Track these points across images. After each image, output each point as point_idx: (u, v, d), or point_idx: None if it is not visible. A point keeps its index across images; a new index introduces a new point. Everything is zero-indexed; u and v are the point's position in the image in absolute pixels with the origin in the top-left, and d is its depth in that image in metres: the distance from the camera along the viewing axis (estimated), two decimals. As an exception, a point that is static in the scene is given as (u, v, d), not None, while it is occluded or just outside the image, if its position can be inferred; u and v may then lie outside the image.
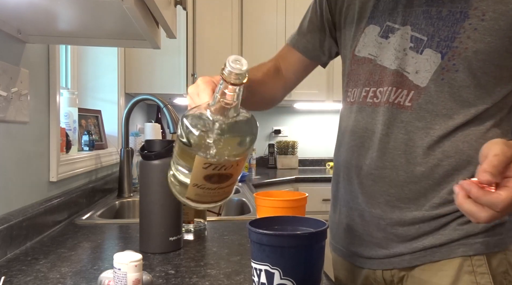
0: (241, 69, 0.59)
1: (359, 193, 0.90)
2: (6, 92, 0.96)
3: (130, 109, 1.74)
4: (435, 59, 0.81)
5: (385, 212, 0.86)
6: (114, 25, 0.98)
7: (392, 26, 0.87)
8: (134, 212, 1.71)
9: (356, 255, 0.93)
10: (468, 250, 0.81)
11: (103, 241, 1.11)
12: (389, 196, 0.86)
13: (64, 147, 1.45)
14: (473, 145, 0.81)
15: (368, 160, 0.88)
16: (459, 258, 0.81)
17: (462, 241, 0.81)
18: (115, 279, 0.68)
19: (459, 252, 0.81)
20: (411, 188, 0.84)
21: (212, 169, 0.65)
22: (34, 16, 0.92)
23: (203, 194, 0.70)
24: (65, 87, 1.95)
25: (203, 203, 0.73)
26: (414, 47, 0.84)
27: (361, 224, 0.91)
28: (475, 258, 0.80)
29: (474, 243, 0.81)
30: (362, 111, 0.91)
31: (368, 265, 0.91)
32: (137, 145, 2.06)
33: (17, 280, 0.81)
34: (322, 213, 2.73)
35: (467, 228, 0.81)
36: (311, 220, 0.69)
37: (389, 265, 0.88)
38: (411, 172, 0.84)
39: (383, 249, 0.88)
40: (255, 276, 0.63)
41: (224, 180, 0.68)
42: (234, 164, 0.65)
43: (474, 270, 0.80)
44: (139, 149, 1.03)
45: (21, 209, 1.07)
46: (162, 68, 2.34)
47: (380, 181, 0.86)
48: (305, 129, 3.57)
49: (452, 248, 0.81)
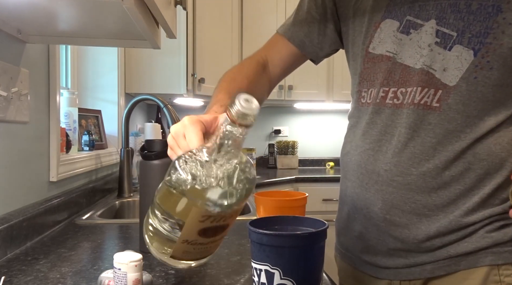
0: (252, 109, 0.53)
1: (379, 201, 0.83)
2: (6, 92, 0.96)
3: (130, 109, 1.74)
4: (466, 57, 0.76)
5: (410, 221, 0.80)
6: (114, 25, 0.98)
7: (413, 21, 0.81)
8: (134, 212, 1.71)
9: (369, 264, 0.88)
10: (497, 259, 0.76)
11: (103, 241, 1.11)
12: (414, 203, 0.80)
13: (64, 146, 1.45)
14: (505, 147, 0.77)
15: (387, 165, 0.82)
16: (486, 267, 0.76)
17: (490, 250, 0.76)
18: (115, 279, 0.68)
19: (487, 261, 0.76)
20: (440, 194, 0.79)
21: (210, 222, 0.58)
22: (34, 16, 0.92)
23: (191, 251, 0.62)
24: (65, 87, 1.95)
25: (187, 260, 0.64)
26: (441, 42, 0.78)
27: (377, 233, 0.85)
28: (503, 267, 0.76)
29: (504, 252, 0.76)
30: (380, 113, 0.85)
31: (384, 275, 0.86)
32: (137, 144, 2.06)
33: (17, 280, 0.81)
34: (322, 213, 2.73)
35: (496, 236, 0.77)
36: (311, 220, 0.69)
37: (409, 275, 0.82)
38: (440, 177, 0.78)
39: (402, 258, 0.83)
40: (255, 276, 0.63)
41: (219, 232, 0.61)
42: (234, 213, 0.59)
43: (501, 280, 0.75)
44: (139, 148, 1.03)
45: (21, 209, 1.07)
46: (162, 68, 2.34)
47: (404, 188, 0.80)
48: (305, 129, 3.57)
49: (479, 256, 0.77)
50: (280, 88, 3.06)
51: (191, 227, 0.57)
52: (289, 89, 3.08)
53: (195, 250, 0.62)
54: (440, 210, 0.79)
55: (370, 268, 0.88)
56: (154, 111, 3.02)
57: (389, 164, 0.82)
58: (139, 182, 1.01)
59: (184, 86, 2.36)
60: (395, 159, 0.81)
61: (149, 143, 0.99)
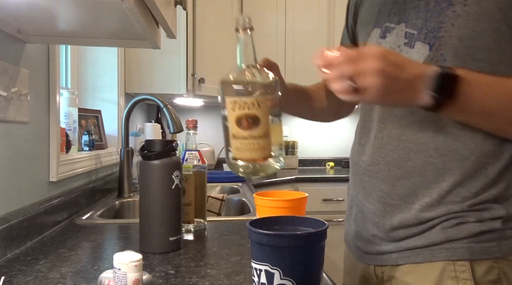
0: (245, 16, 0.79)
1: (360, 189, 0.92)
2: (6, 92, 0.96)
3: (130, 109, 1.74)
4: (423, 51, 0.81)
5: (378, 209, 0.87)
6: (114, 25, 0.98)
7: (389, 26, 0.89)
8: (134, 212, 1.71)
9: (357, 248, 0.95)
10: (451, 255, 0.79)
11: (103, 241, 1.11)
12: (381, 191, 0.86)
13: (64, 146, 1.45)
14: (469, 145, 0.79)
15: (365, 156, 0.90)
16: (442, 262, 0.79)
17: (444, 245, 0.79)
18: (115, 279, 0.68)
19: (442, 256, 0.79)
20: (402, 183, 0.84)
21: (237, 108, 0.80)
22: (34, 16, 0.92)
23: (241, 147, 0.83)
24: (65, 87, 1.95)
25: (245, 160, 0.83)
26: (408, 43, 0.84)
27: (361, 219, 0.92)
28: (458, 263, 0.78)
29: (458, 248, 0.79)
30: (362, 109, 0.95)
31: (365, 259, 0.93)
32: (137, 144, 2.06)
33: (17, 280, 0.81)
34: (322, 213, 2.73)
35: (450, 232, 0.79)
36: (311, 220, 0.69)
37: (380, 261, 0.89)
38: (403, 167, 0.83)
39: (377, 245, 0.89)
40: (255, 276, 0.63)
41: (252, 125, 0.80)
42: (255, 103, 0.79)
43: (457, 276, 0.78)
44: (139, 149, 1.03)
45: (21, 209, 1.07)
46: (162, 68, 2.34)
47: (374, 176, 0.87)
48: (305, 129, 3.57)
49: (434, 251, 0.80)
50: (280, 88, 3.06)
51: (230, 118, 0.81)
52: (289, 89, 3.08)
53: (242, 145, 0.83)
54: (402, 200, 0.84)
55: (356, 252, 0.96)
56: (154, 111, 3.02)
57: (365, 155, 0.90)
58: (139, 182, 1.01)
59: (184, 86, 2.36)
60: (369, 150, 0.89)
61: (149, 143, 0.99)
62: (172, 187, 0.96)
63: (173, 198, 0.97)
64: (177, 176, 0.97)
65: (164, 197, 0.96)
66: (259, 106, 0.80)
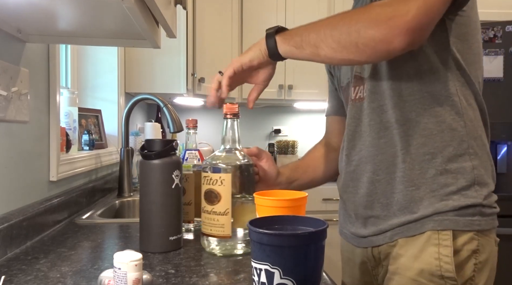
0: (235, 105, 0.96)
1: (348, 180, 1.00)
2: (6, 92, 0.96)
3: (130, 109, 1.74)
4: None
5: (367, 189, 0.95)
6: (114, 25, 0.98)
7: None
8: (134, 211, 1.71)
9: (353, 235, 1.01)
10: (437, 225, 0.86)
11: (103, 241, 1.11)
12: (369, 172, 0.94)
13: (64, 146, 1.45)
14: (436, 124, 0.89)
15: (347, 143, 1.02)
16: (429, 231, 0.87)
17: (432, 217, 0.87)
18: (115, 278, 0.68)
19: (429, 227, 0.87)
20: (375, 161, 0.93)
21: (205, 183, 0.93)
22: (34, 16, 0.92)
23: (205, 221, 0.94)
24: (65, 87, 1.95)
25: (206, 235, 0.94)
26: None
27: (353, 205, 0.99)
28: (443, 232, 0.86)
29: (444, 220, 0.86)
30: None
31: (363, 243, 0.98)
32: (137, 144, 2.06)
33: (17, 279, 0.81)
34: (322, 213, 2.73)
35: (438, 206, 0.87)
36: (311, 219, 0.69)
37: (376, 241, 0.95)
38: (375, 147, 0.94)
39: (372, 226, 0.95)
40: (255, 275, 0.63)
41: (214, 199, 0.91)
42: (219, 180, 0.91)
43: (440, 243, 0.85)
44: (139, 148, 1.03)
45: (21, 208, 1.07)
46: (162, 68, 2.34)
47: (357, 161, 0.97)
48: (305, 129, 3.57)
49: (423, 223, 0.87)
50: (280, 88, 3.06)
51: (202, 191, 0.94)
52: (289, 89, 3.08)
53: (205, 219, 0.94)
54: (383, 171, 0.92)
55: (353, 239, 1.02)
56: (154, 110, 3.02)
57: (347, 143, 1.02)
58: (139, 182, 1.01)
59: (184, 86, 2.36)
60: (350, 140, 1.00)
61: (149, 142, 0.99)
62: (172, 186, 0.96)
63: (173, 198, 0.97)
64: (177, 176, 0.97)
65: (164, 196, 0.96)
66: (221, 184, 0.91)
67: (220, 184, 0.91)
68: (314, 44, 0.84)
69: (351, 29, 0.80)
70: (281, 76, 3.05)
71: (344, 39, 0.80)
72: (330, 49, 0.82)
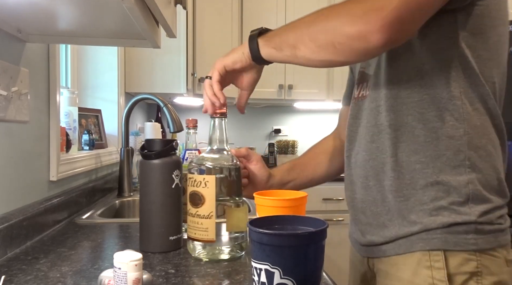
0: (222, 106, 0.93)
1: (348, 183, 0.96)
2: (6, 92, 0.96)
3: (130, 109, 1.74)
4: None
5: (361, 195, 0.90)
6: (114, 25, 0.98)
7: None
8: (134, 211, 1.71)
9: (356, 240, 0.97)
10: (426, 245, 0.79)
11: (103, 240, 1.11)
12: (361, 177, 0.89)
13: (64, 146, 1.45)
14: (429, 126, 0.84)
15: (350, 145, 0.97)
16: (419, 252, 0.80)
17: (420, 235, 0.80)
18: (115, 278, 0.68)
19: (418, 247, 0.80)
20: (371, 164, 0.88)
21: (191, 184, 0.89)
22: (34, 16, 0.92)
23: (189, 225, 0.91)
24: (65, 87, 1.95)
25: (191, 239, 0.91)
26: None
27: (352, 209, 0.95)
28: (433, 253, 0.79)
29: (432, 239, 0.79)
30: None
31: (362, 252, 0.95)
32: (137, 144, 2.06)
33: (18, 279, 0.81)
34: (322, 212, 2.73)
35: (426, 222, 0.80)
36: (311, 219, 0.69)
37: (371, 253, 0.91)
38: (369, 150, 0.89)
39: (367, 234, 0.90)
40: (255, 275, 0.63)
41: (198, 202, 0.88)
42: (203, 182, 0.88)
43: (432, 265, 0.79)
44: (139, 148, 1.03)
45: (21, 208, 1.07)
46: (162, 68, 2.34)
47: (353, 164, 0.92)
48: (305, 128, 3.57)
49: (413, 242, 0.81)
50: (280, 88, 3.06)
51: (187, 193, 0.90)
52: (289, 89, 3.08)
53: (190, 222, 0.90)
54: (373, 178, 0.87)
55: (355, 245, 0.98)
56: (154, 110, 3.02)
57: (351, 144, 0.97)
58: (139, 181, 1.01)
59: (184, 86, 2.36)
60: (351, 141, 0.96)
61: (149, 142, 0.99)
62: (172, 186, 0.96)
63: (173, 197, 0.97)
64: (177, 175, 0.97)
65: (164, 196, 0.96)
66: (205, 186, 0.87)
67: (204, 186, 0.87)
68: (292, 44, 0.78)
69: (327, 26, 0.74)
70: (281, 76, 3.05)
71: (320, 38, 0.75)
72: (307, 50, 0.76)
